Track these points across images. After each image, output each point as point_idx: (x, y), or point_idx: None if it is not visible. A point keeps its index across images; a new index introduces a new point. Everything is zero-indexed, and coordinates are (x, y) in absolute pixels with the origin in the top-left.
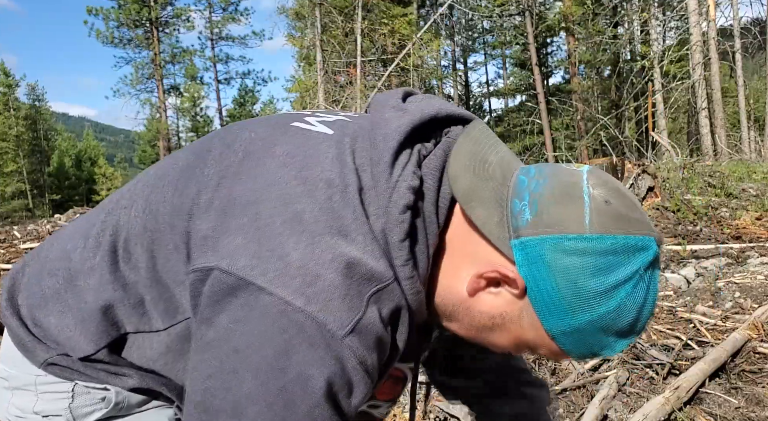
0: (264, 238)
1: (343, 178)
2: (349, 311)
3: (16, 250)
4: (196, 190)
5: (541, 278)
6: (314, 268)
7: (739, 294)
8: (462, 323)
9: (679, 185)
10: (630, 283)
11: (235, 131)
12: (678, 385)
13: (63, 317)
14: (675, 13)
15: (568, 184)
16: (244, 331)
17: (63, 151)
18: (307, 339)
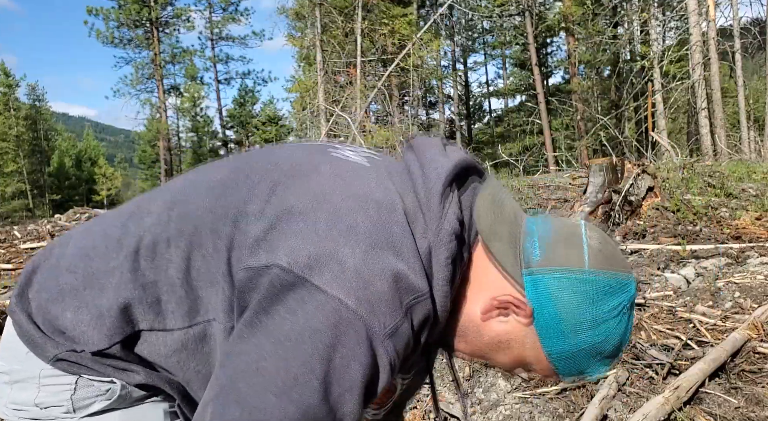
0: (322, 243)
1: (389, 199)
2: (392, 317)
3: (17, 250)
4: (241, 200)
5: (546, 306)
6: (367, 275)
7: (739, 294)
8: (471, 342)
9: (679, 185)
10: (617, 316)
11: (276, 153)
12: (678, 385)
13: (79, 312)
14: (675, 13)
15: (569, 232)
16: (297, 321)
17: (63, 152)
18: (354, 336)
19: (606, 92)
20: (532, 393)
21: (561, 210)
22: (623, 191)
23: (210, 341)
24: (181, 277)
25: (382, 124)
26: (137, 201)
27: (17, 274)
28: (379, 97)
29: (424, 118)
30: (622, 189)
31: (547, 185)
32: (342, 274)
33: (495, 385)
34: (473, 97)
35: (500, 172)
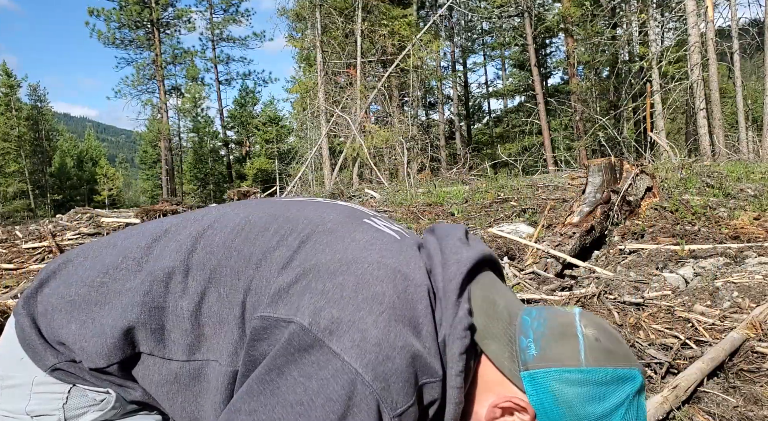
0: (346, 308)
1: (418, 275)
2: (405, 396)
3: (18, 250)
4: (268, 246)
5: (549, 406)
6: (387, 350)
7: (737, 294)
8: None
9: (678, 185)
10: (622, 408)
11: (312, 209)
12: (676, 384)
13: (84, 327)
14: (673, 14)
15: (564, 325)
16: (311, 386)
17: (65, 152)
18: (366, 409)
19: (605, 93)
20: None
21: (559, 210)
22: (622, 191)
23: (203, 380)
24: (191, 310)
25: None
26: (167, 223)
27: (18, 274)
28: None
29: (424, 119)
30: (620, 189)
31: (546, 185)
32: (362, 343)
33: None
34: (473, 98)
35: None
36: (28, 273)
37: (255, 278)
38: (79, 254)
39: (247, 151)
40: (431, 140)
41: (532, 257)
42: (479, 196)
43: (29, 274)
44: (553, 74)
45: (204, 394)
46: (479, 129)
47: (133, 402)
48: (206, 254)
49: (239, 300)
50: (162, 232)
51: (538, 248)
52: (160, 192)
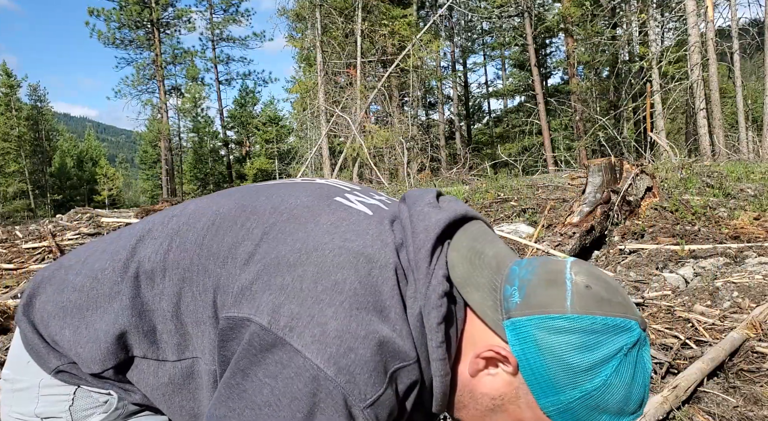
0: (305, 301)
1: (383, 255)
2: (373, 386)
3: (18, 250)
4: (234, 241)
5: (531, 355)
6: (349, 341)
7: (737, 294)
8: (469, 409)
9: (678, 185)
10: (614, 361)
11: (281, 194)
12: (676, 384)
13: (77, 332)
14: (673, 14)
15: (553, 272)
16: (276, 387)
17: (65, 152)
18: (332, 405)
19: (605, 93)
20: None
21: (559, 210)
22: (622, 191)
23: (196, 377)
24: (171, 310)
25: (382, 124)
26: (151, 222)
27: (18, 274)
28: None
29: (424, 119)
30: (620, 189)
31: (546, 185)
32: (322, 337)
33: None
34: (473, 98)
35: (499, 172)
36: (28, 273)
37: (222, 276)
38: (71, 258)
39: (247, 151)
40: (431, 140)
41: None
42: (479, 196)
43: (29, 274)
44: (553, 74)
45: (200, 390)
46: (479, 129)
47: (136, 404)
48: (180, 253)
49: (210, 299)
50: (146, 231)
51: (538, 248)
52: (160, 192)
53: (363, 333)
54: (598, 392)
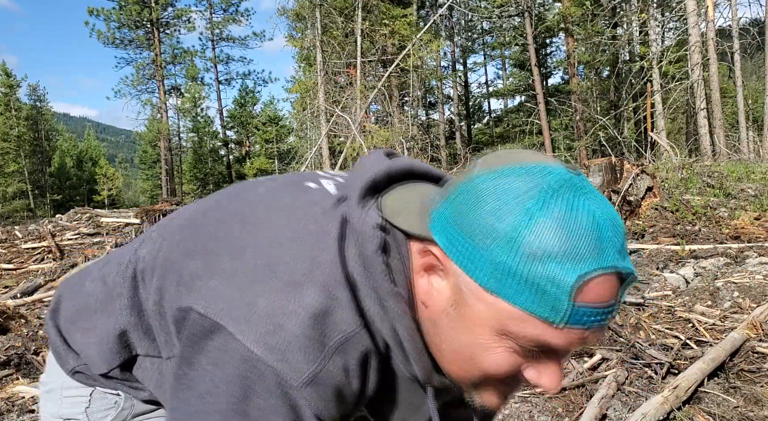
0: (240, 282)
1: (325, 227)
2: (307, 363)
3: (18, 250)
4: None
5: (452, 235)
6: (278, 318)
7: (738, 294)
8: (443, 349)
9: (678, 185)
10: (534, 198)
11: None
12: (677, 384)
13: (87, 334)
14: (674, 13)
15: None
16: (215, 373)
17: (64, 152)
18: (265, 387)
19: (605, 93)
20: (532, 392)
21: None
22: (622, 191)
23: None
24: (155, 308)
25: (382, 124)
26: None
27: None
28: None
29: (424, 119)
30: (621, 189)
31: None
32: (252, 318)
33: None
34: (473, 98)
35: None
36: (27, 273)
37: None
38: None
39: (247, 151)
40: (431, 140)
41: None
42: None
43: (28, 274)
44: (553, 74)
45: None
46: (479, 129)
47: (146, 401)
48: (166, 251)
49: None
50: (149, 234)
51: None
52: (160, 192)
53: (293, 308)
54: (523, 236)
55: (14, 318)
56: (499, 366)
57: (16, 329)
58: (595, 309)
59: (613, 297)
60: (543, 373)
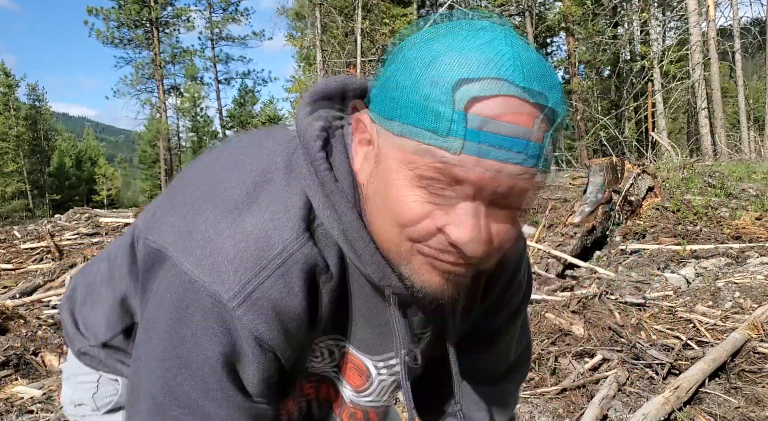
0: (186, 212)
1: (274, 151)
2: (243, 283)
3: (17, 250)
4: (174, 182)
5: (372, 93)
6: (217, 240)
7: (739, 294)
8: (375, 223)
9: (679, 185)
10: (443, 37)
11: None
12: (678, 385)
13: (94, 308)
14: (675, 13)
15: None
16: (158, 300)
17: (63, 152)
18: (200, 309)
19: (606, 92)
20: (532, 393)
21: (560, 210)
22: (623, 191)
23: None
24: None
25: None
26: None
27: (17, 274)
28: None
29: None
30: (622, 189)
31: (547, 185)
32: (192, 243)
33: None
34: None
35: None
36: (26, 273)
37: (154, 216)
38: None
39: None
40: None
41: (533, 258)
42: None
43: (27, 274)
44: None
45: None
46: None
47: None
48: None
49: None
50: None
51: (539, 249)
52: (159, 192)
53: (232, 230)
54: (422, 55)
55: (13, 318)
56: (413, 211)
57: (15, 329)
58: (495, 135)
59: (521, 124)
60: (453, 220)
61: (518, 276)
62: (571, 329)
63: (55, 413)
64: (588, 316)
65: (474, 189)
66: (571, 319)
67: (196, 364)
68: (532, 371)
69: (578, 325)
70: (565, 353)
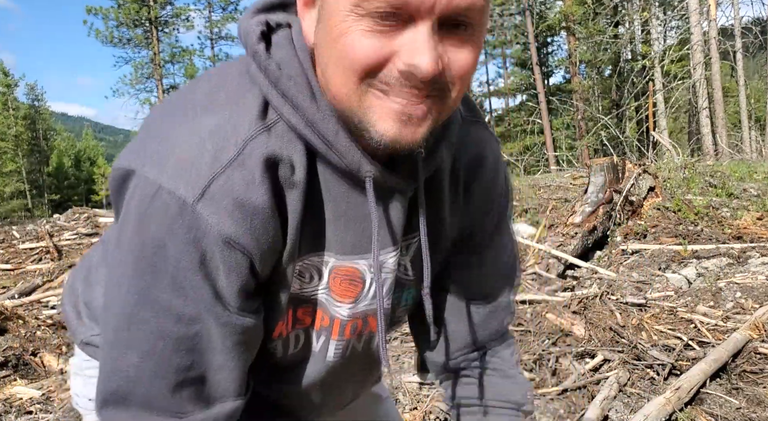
0: (153, 130)
1: (230, 69)
2: (200, 179)
3: (15, 250)
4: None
5: None
6: (172, 142)
7: (740, 294)
8: (327, 77)
9: (680, 185)
10: None
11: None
12: (679, 385)
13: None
14: (676, 12)
15: None
16: (126, 211)
17: (62, 151)
18: (162, 211)
19: (607, 92)
20: (533, 394)
21: (561, 210)
22: (624, 191)
23: None
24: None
25: None
26: None
27: (16, 274)
28: None
29: None
30: (623, 189)
31: (547, 185)
32: (154, 152)
33: None
34: (474, 97)
35: None
36: (25, 273)
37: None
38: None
39: None
40: None
41: (533, 258)
42: None
43: (26, 274)
44: (554, 73)
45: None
46: None
47: None
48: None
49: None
50: None
51: (539, 249)
52: None
53: (189, 133)
54: None
55: (12, 319)
56: (363, 47)
57: (14, 329)
58: None
59: None
60: (402, 44)
61: (500, 176)
62: (572, 330)
63: (54, 414)
64: (589, 316)
65: (420, 7)
66: (572, 319)
67: (165, 267)
68: (533, 372)
69: (579, 325)
70: (566, 354)
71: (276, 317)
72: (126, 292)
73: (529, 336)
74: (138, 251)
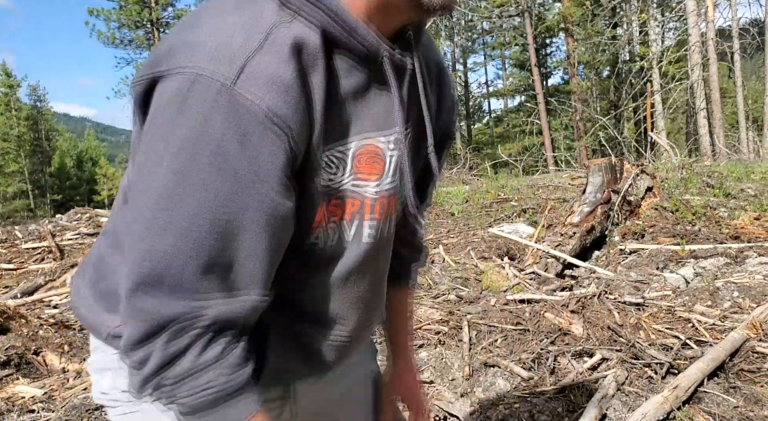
0: (186, 31)
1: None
2: (234, 59)
3: (18, 250)
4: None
5: None
6: (203, 36)
7: (738, 294)
8: None
9: (678, 185)
10: None
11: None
12: (677, 384)
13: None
14: (674, 13)
15: None
16: (156, 107)
17: (64, 152)
18: (200, 92)
19: (605, 93)
20: (532, 392)
21: (559, 210)
22: (622, 191)
23: None
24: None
25: None
26: None
27: (18, 274)
28: None
29: None
30: (621, 189)
31: (546, 185)
32: (185, 48)
33: (495, 384)
34: (473, 98)
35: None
36: (27, 273)
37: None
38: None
39: None
40: None
41: (532, 257)
42: (479, 196)
43: (29, 274)
44: (553, 74)
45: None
46: (479, 129)
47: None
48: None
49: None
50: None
51: (538, 248)
52: None
53: (217, 27)
54: None
55: (14, 318)
56: None
57: (17, 329)
58: None
59: None
60: None
61: (454, 86)
62: (570, 329)
63: (56, 412)
64: (587, 315)
65: None
66: (570, 318)
67: (206, 145)
68: (531, 371)
69: (577, 324)
70: (564, 353)
71: (312, 207)
72: (165, 171)
73: (527, 335)
74: (179, 131)
